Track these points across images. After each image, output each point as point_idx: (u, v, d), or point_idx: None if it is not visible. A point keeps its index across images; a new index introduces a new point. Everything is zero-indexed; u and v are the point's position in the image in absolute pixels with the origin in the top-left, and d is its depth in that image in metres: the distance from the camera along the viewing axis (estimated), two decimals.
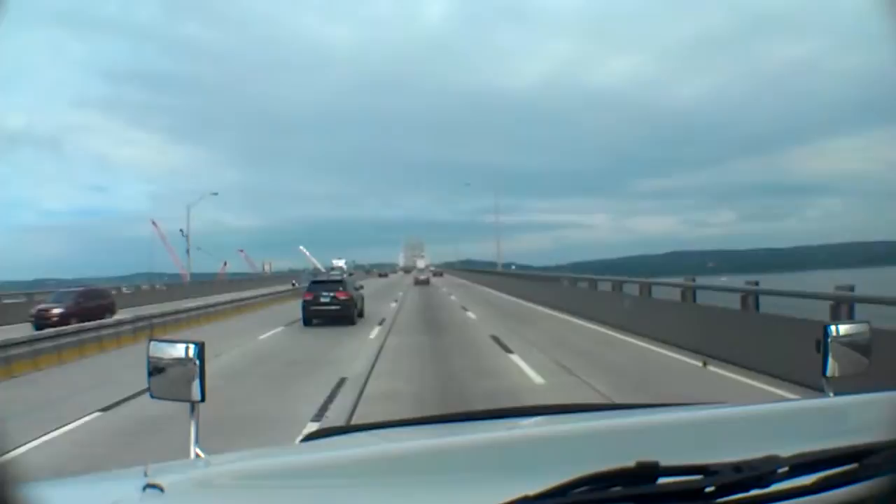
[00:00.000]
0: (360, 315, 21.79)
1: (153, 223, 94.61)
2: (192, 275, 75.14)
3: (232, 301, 28.26)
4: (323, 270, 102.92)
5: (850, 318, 8.40)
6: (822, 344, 1.78)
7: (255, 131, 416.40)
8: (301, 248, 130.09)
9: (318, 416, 8.27)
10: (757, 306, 11.50)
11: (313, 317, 20.12)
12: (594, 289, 21.94)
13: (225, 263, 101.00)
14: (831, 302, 9.28)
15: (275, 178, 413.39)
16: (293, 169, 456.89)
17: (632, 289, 18.15)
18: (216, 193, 64.47)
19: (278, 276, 76.17)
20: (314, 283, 22.01)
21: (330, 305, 20.03)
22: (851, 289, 9.26)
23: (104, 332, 16.22)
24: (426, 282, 58.58)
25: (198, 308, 22.77)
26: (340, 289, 20.56)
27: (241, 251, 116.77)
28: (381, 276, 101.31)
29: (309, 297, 20.43)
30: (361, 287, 25.88)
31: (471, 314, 23.68)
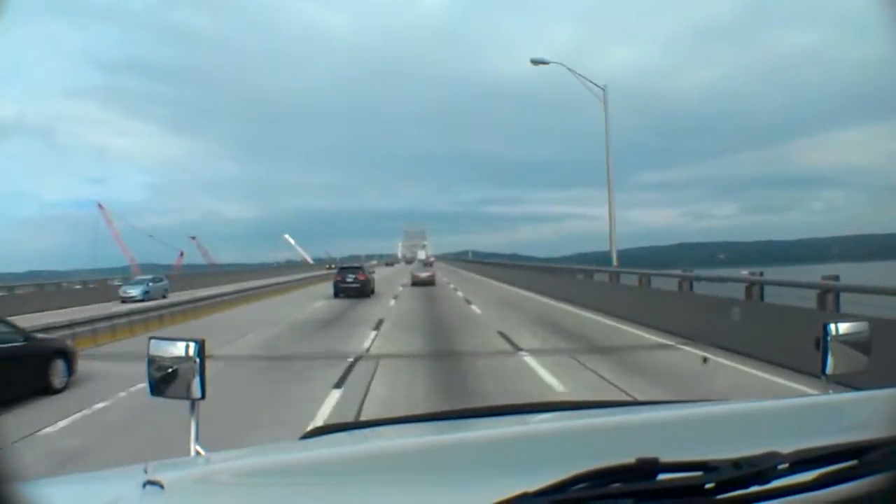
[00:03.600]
0: (373, 292, 30.26)
1: (99, 206, 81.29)
2: (143, 266, 65.46)
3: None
4: (311, 262, 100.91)
5: None
6: (822, 342, 1.78)
7: (254, 121, 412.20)
8: (286, 236, 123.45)
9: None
10: None
11: (341, 291, 28.99)
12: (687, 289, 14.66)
13: (181, 254, 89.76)
14: None
15: (273, 168, 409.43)
16: (292, 159, 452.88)
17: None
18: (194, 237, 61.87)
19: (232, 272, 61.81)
20: (342, 268, 31.94)
21: (353, 284, 29.18)
22: None
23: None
24: (430, 281, 37.09)
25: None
26: (360, 272, 30.49)
27: (194, 238, 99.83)
28: (387, 265, 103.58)
29: (338, 279, 30.01)
30: (374, 272, 36.57)
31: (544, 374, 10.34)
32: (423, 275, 38.46)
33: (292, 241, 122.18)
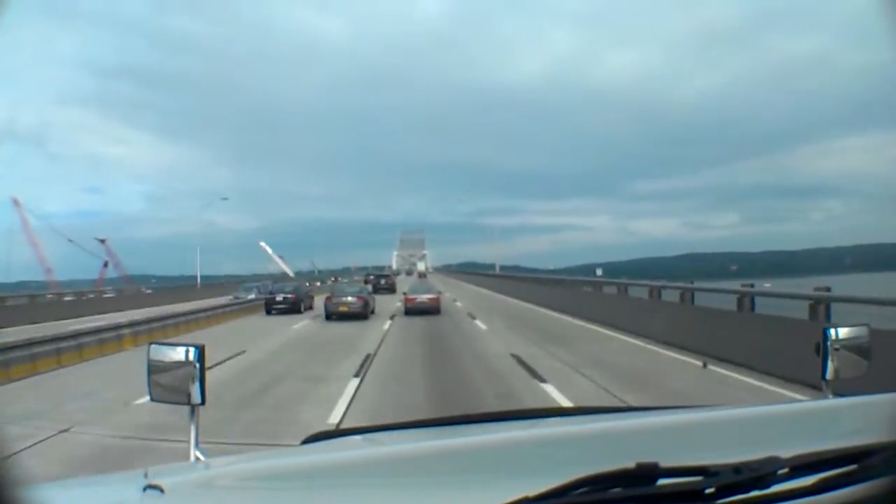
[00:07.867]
0: (395, 290, 45.24)
1: (15, 201, 66.10)
2: (65, 283, 53.16)
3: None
4: (291, 274, 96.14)
5: None
6: (822, 347, 1.78)
7: (249, 129, 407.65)
8: (262, 244, 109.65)
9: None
10: None
11: (376, 291, 40.60)
12: None
13: (106, 264, 76.94)
14: None
15: (269, 177, 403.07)
16: (288, 168, 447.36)
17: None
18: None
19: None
20: (376, 276, 52.73)
21: (384, 285, 46.84)
22: None
23: None
24: (433, 309, 23.47)
25: None
26: (388, 277, 51.75)
27: (103, 242, 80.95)
28: (394, 275, 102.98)
29: (375, 282, 46.74)
30: (395, 278, 60.45)
31: None
32: (423, 297, 24.01)
33: (269, 250, 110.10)
